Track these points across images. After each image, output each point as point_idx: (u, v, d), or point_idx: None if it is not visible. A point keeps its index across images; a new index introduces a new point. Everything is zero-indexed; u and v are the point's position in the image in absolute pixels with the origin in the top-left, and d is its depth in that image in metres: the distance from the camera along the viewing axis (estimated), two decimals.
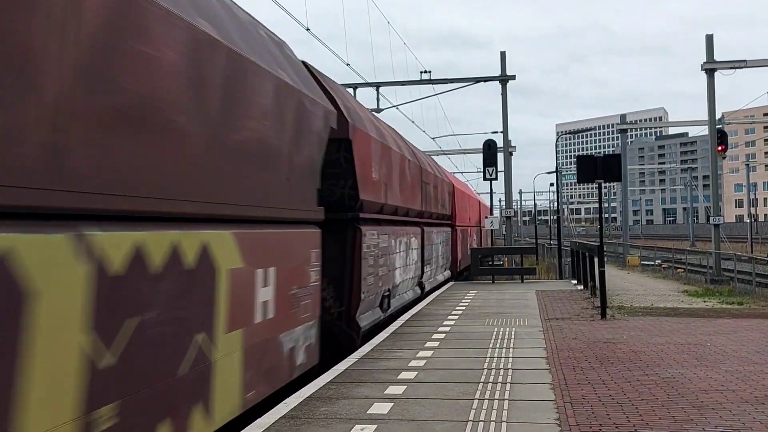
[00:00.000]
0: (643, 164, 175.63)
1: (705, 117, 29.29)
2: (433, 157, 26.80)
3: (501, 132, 30.37)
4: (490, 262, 32.86)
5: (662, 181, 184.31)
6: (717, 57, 27.41)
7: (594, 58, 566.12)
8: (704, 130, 35.52)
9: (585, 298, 16.57)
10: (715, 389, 7.12)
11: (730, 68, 27.27)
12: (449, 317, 13.12)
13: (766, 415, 6.11)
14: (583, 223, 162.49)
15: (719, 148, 28.36)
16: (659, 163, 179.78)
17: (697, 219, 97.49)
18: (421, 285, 16.30)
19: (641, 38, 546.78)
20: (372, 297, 10.91)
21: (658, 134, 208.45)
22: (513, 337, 10.63)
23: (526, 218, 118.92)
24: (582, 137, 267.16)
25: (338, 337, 9.83)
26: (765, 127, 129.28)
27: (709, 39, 27.32)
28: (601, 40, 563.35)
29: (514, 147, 37.80)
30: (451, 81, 29.27)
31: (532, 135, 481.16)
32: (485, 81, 28.95)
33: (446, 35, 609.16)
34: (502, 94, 29.30)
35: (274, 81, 6.21)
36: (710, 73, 27.50)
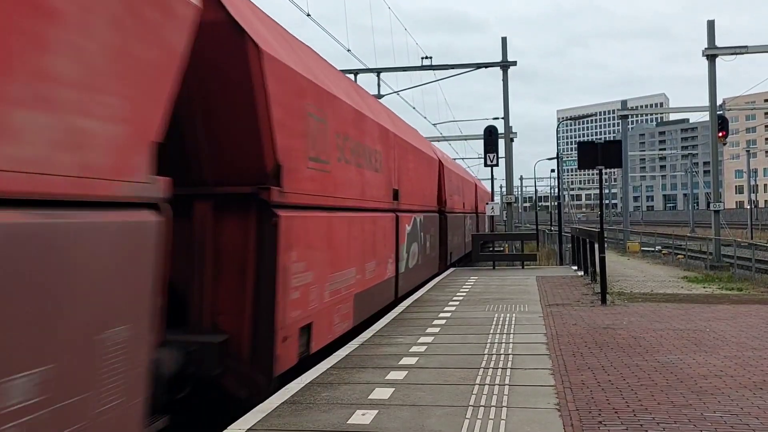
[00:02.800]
0: (643, 150, 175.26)
1: (706, 102, 29.18)
2: (434, 143, 26.66)
3: (502, 118, 30.29)
4: (491, 248, 32.91)
5: (663, 167, 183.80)
6: (718, 41, 27.25)
7: (593, 41, 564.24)
8: (705, 116, 35.46)
9: (585, 284, 16.62)
10: (714, 375, 7.16)
11: (732, 54, 27.12)
12: (450, 303, 13.17)
13: (765, 400, 6.16)
14: (583, 209, 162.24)
15: (720, 134, 28.24)
16: (660, 150, 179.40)
17: (698, 205, 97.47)
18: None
19: (640, 20, 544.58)
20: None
21: (659, 120, 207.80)
22: (513, 322, 10.68)
23: (527, 204, 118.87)
24: (583, 123, 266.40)
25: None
26: (766, 114, 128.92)
27: (711, 25, 27.17)
28: (600, 22, 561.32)
29: (515, 133, 37.72)
30: (453, 67, 29.17)
31: (532, 120, 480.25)
32: (486, 67, 28.83)
33: (440, 17, 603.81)
34: (503, 81, 29.14)
35: None
36: (711, 59, 27.36)
